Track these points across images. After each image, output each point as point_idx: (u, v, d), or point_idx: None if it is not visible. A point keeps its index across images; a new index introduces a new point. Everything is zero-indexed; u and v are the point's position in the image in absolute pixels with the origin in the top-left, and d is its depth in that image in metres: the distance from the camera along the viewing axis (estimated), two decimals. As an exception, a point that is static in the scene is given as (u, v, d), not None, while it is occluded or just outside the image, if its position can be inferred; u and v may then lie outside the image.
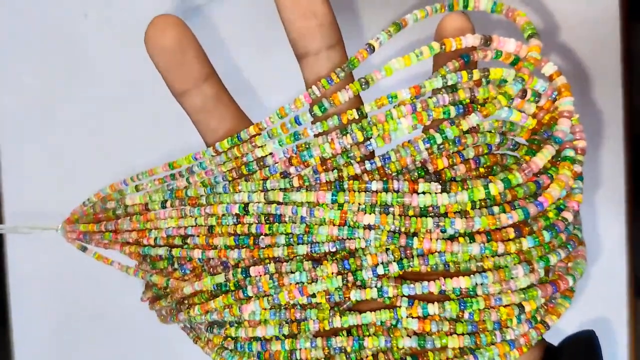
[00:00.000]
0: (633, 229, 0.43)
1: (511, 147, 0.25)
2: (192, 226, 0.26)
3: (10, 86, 0.45)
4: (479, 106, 0.24)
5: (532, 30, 0.24)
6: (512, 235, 0.23)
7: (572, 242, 0.25)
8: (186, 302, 0.27)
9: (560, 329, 0.29)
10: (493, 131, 0.24)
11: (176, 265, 0.28)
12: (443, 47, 0.23)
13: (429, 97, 0.23)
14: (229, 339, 0.27)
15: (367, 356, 0.25)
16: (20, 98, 0.45)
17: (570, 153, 0.24)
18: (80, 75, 0.45)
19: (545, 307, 0.25)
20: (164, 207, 0.27)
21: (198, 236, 0.26)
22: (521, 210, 0.23)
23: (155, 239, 0.27)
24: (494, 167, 0.25)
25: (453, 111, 0.23)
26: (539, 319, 0.25)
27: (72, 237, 0.29)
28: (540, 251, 0.24)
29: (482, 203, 0.23)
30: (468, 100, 0.24)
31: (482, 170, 0.25)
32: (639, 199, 0.42)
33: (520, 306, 0.24)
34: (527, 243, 0.23)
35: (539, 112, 0.25)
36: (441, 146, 0.24)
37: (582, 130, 0.24)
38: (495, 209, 0.23)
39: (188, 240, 0.26)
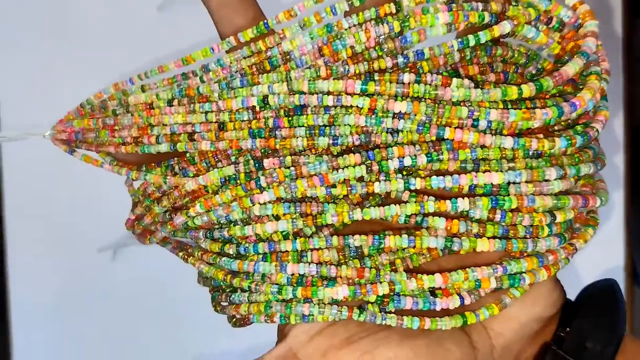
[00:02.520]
0: (631, 220, 0.43)
1: (534, 71, 0.25)
2: (201, 123, 0.24)
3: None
4: (510, 17, 0.24)
5: (558, -37, 0.26)
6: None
7: (598, 163, 0.24)
8: (185, 203, 0.24)
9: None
10: (522, 50, 0.25)
11: (177, 170, 0.25)
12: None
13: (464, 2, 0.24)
14: (231, 242, 0.24)
15: (382, 264, 0.23)
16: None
17: (596, 69, 0.24)
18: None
19: (571, 230, 0.24)
20: (170, 105, 0.25)
21: (208, 132, 0.24)
22: (555, 108, 0.22)
23: (158, 137, 0.25)
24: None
25: (487, 16, 0.24)
26: (567, 237, 0.23)
27: (62, 137, 0.26)
28: (571, 160, 0.23)
29: (514, 107, 0.23)
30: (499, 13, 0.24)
31: None
32: (637, 191, 0.42)
33: (552, 215, 0.23)
34: (559, 142, 0.22)
35: (562, 41, 0.25)
36: (473, 53, 0.24)
37: (605, 54, 0.25)
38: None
39: (195, 137, 0.24)
